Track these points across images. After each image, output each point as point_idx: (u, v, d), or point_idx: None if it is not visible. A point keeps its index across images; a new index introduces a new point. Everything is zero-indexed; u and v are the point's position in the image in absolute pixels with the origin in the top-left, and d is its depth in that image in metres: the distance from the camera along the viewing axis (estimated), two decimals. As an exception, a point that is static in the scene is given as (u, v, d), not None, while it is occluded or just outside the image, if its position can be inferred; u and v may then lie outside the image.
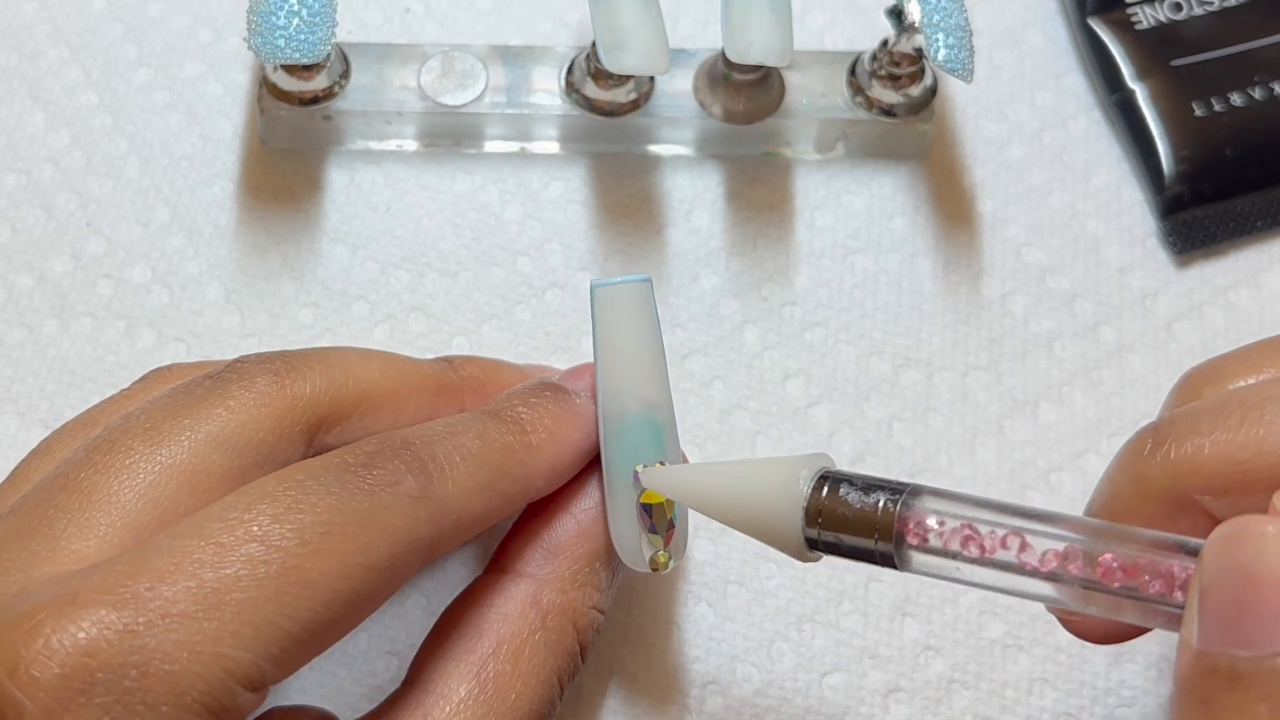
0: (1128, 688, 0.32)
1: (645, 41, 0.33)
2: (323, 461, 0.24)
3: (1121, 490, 0.25)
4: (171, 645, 0.21)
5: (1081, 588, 0.23)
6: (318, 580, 0.23)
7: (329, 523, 0.23)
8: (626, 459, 0.27)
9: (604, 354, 0.28)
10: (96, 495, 0.23)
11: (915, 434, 0.34)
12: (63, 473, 0.24)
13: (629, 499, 0.27)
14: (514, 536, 0.28)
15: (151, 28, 0.38)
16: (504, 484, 0.26)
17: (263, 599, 0.22)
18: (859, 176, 0.37)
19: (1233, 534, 0.21)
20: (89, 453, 0.24)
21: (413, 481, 0.24)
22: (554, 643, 0.27)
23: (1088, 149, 0.38)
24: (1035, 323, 0.36)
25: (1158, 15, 0.38)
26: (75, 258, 0.35)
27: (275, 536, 0.22)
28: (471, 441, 0.26)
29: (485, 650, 0.26)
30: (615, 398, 0.28)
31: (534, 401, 0.28)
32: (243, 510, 0.23)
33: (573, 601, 0.27)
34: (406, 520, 0.24)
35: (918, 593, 0.32)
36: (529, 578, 0.27)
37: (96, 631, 0.21)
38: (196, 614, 0.21)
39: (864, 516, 0.24)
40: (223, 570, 0.22)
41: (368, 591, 0.23)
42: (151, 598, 0.21)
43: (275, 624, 0.22)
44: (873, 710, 0.31)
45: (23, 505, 0.24)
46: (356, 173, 0.37)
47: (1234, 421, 0.23)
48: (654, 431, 0.28)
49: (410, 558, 0.24)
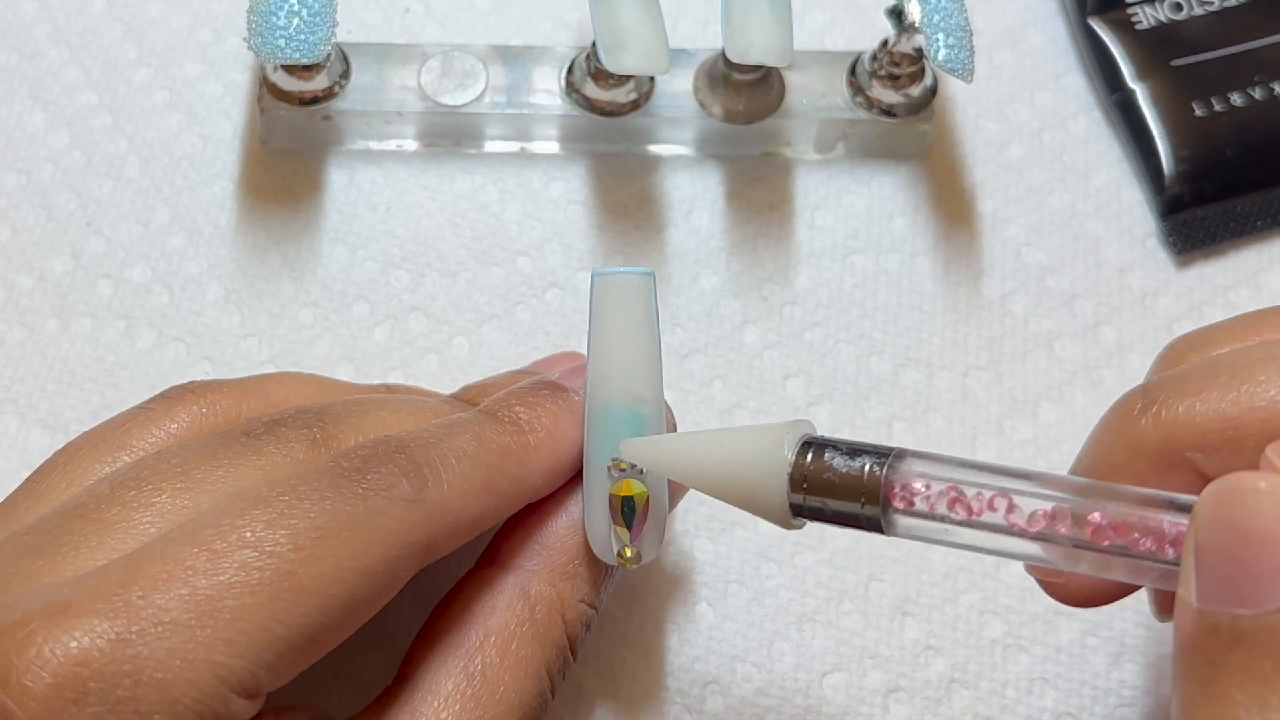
0: (1128, 687, 0.32)
1: (645, 41, 0.33)
2: (317, 466, 0.24)
3: (1110, 449, 0.25)
4: (164, 653, 0.21)
5: (1071, 546, 0.23)
6: (312, 586, 0.22)
7: (323, 527, 0.23)
8: (605, 450, 0.27)
9: (596, 343, 0.28)
10: (116, 525, 0.23)
11: (915, 434, 0.34)
12: (84, 503, 0.24)
13: (604, 489, 0.27)
14: (506, 530, 0.28)
15: (151, 28, 0.38)
16: (501, 485, 0.26)
17: (256, 605, 0.22)
18: (859, 176, 0.37)
19: (1226, 490, 0.21)
20: (114, 488, 0.24)
21: (407, 485, 0.24)
22: (542, 635, 0.26)
23: (1088, 149, 0.38)
24: (1035, 323, 0.36)
25: (1158, 15, 0.38)
26: (75, 258, 0.35)
27: (269, 542, 0.22)
28: (468, 443, 0.26)
29: (472, 643, 0.26)
30: (600, 388, 0.27)
31: (532, 401, 0.28)
32: (236, 516, 0.23)
33: (561, 593, 0.27)
34: (401, 524, 0.24)
35: (918, 593, 0.32)
36: (517, 570, 0.27)
37: (89, 641, 0.21)
38: (189, 621, 0.21)
39: (850, 481, 0.24)
40: (216, 577, 0.22)
41: (363, 596, 0.23)
42: (144, 605, 0.21)
43: (269, 630, 0.22)
44: (873, 710, 0.31)
45: (40, 527, 0.24)
46: (356, 173, 0.37)
47: (1223, 380, 0.24)
48: (637, 425, 0.27)
49: (406, 561, 0.24)
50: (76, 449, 0.26)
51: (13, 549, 0.23)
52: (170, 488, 0.24)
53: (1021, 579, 0.32)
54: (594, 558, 0.27)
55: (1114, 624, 0.32)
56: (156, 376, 0.34)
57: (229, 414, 0.27)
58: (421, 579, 0.31)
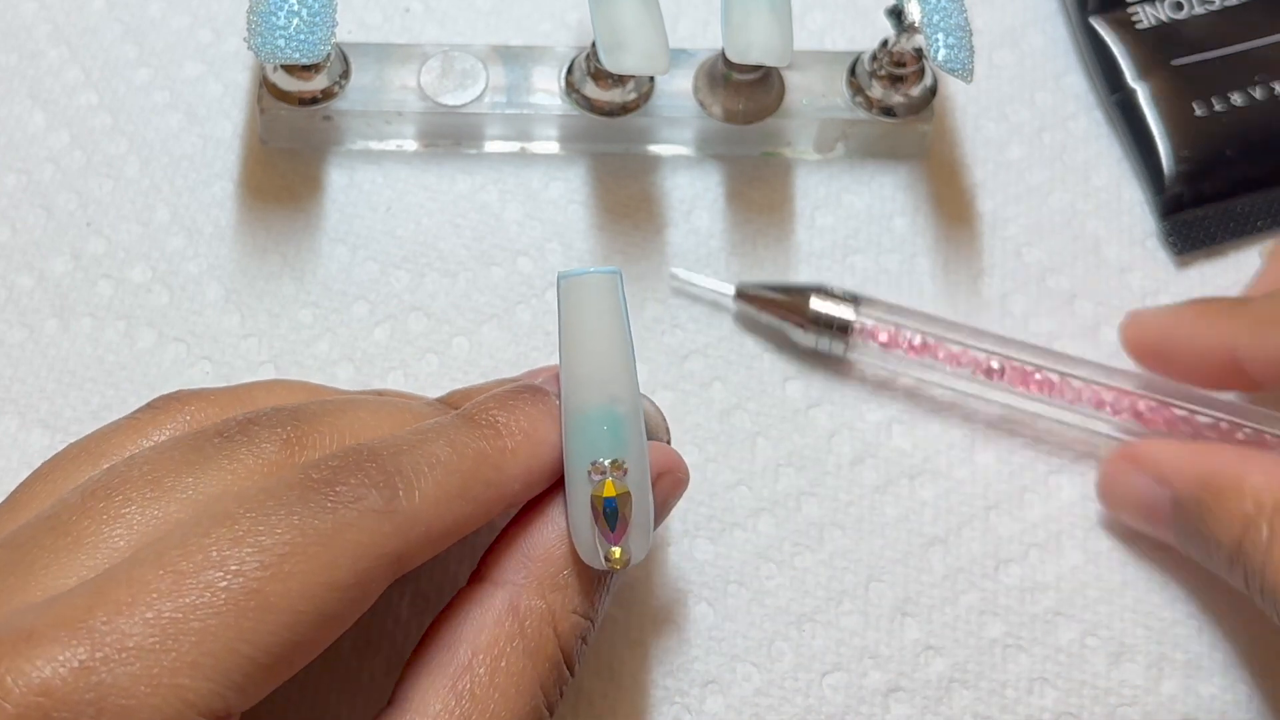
0: (1128, 687, 0.32)
1: (645, 42, 0.33)
2: (285, 479, 0.24)
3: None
4: (128, 680, 0.21)
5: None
6: (279, 603, 0.22)
7: (290, 543, 0.22)
8: (584, 453, 0.27)
9: (567, 346, 0.27)
10: (86, 539, 0.23)
11: (914, 436, 0.34)
12: (55, 514, 0.24)
13: (585, 493, 0.26)
14: (494, 546, 0.27)
15: (151, 28, 0.38)
16: (476, 491, 0.25)
17: (221, 627, 0.22)
18: (859, 176, 0.37)
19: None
20: (85, 498, 0.24)
21: (377, 496, 0.24)
22: (533, 650, 0.26)
23: (1087, 149, 0.38)
24: (1035, 323, 0.36)
25: (1158, 14, 0.38)
26: (75, 258, 0.35)
27: (234, 561, 0.22)
28: (441, 449, 0.25)
29: (460, 663, 0.25)
30: (576, 390, 0.27)
31: (511, 404, 0.27)
32: (201, 535, 0.22)
33: (552, 606, 0.26)
34: (371, 536, 0.23)
35: (918, 593, 0.32)
36: (506, 585, 0.26)
37: (50, 670, 0.20)
38: (154, 646, 0.21)
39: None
40: (181, 599, 0.21)
41: (333, 611, 0.23)
42: (108, 631, 0.21)
43: (236, 651, 0.22)
44: (873, 710, 0.31)
45: (11, 541, 0.24)
46: (356, 173, 0.37)
47: None
48: (614, 424, 0.27)
49: (377, 574, 0.24)
50: (60, 460, 0.26)
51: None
52: (140, 497, 0.24)
53: (1022, 579, 0.32)
54: (584, 566, 0.27)
55: (1113, 624, 0.32)
56: (156, 376, 0.34)
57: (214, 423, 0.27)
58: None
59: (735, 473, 0.33)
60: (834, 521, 0.33)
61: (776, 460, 0.34)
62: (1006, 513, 0.33)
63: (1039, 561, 0.33)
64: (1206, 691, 0.32)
